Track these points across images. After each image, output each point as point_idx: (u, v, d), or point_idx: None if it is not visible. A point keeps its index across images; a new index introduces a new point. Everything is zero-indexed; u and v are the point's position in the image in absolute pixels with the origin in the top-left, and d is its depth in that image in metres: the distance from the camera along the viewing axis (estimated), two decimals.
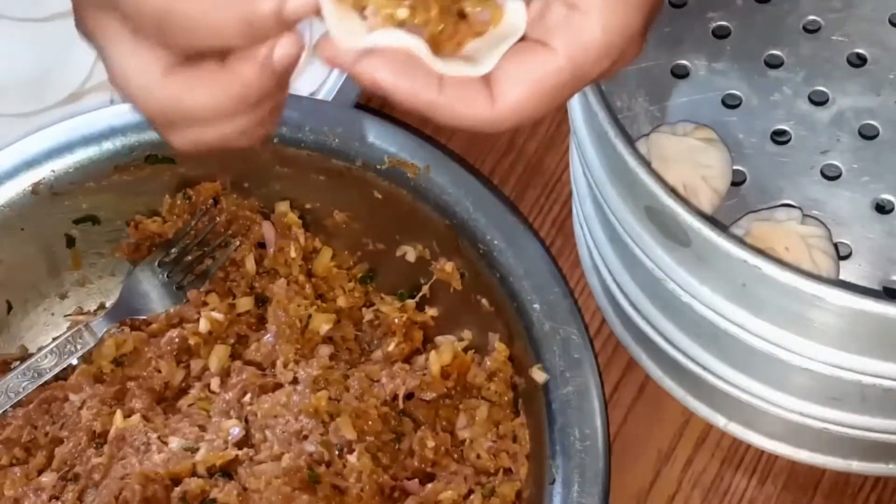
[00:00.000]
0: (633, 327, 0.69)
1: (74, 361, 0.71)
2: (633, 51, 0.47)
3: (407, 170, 0.70)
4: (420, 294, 0.72)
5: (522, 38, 0.46)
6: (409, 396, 0.69)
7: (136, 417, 0.68)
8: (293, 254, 0.73)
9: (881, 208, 0.65)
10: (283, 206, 0.74)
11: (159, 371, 0.70)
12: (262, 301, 0.73)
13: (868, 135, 0.67)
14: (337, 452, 0.65)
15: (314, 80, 0.80)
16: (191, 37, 0.47)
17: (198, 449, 0.65)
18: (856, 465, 0.68)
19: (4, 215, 0.71)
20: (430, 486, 0.65)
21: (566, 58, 0.46)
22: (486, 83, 0.46)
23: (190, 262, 0.74)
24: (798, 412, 0.64)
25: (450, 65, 0.45)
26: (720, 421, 0.70)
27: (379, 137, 0.71)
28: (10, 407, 0.69)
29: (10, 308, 0.73)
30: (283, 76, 0.48)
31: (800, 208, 0.64)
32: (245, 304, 0.73)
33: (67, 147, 0.72)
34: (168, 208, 0.74)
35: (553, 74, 0.46)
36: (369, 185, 0.71)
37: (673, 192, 0.56)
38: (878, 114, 0.67)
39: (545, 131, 0.82)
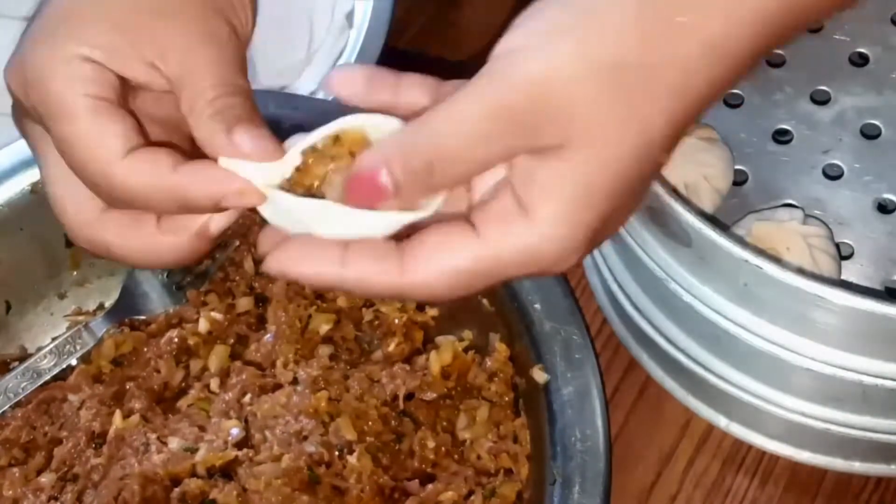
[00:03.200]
0: (635, 327, 0.69)
1: (74, 362, 0.71)
2: (566, 265, 0.46)
3: None
4: None
5: (463, 215, 0.46)
6: (409, 397, 0.68)
7: (135, 418, 0.67)
8: None
9: (883, 208, 0.65)
10: None
11: (159, 371, 0.70)
12: (261, 301, 0.73)
13: (870, 134, 0.66)
14: (337, 453, 0.65)
15: (314, 80, 0.80)
16: (126, 203, 0.49)
17: (197, 449, 0.65)
18: (858, 466, 0.68)
19: (3, 215, 0.71)
20: (430, 486, 0.65)
21: (491, 251, 0.45)
22: (399, 252, 0.46)
23: None
24: (800, 412, 0.63)
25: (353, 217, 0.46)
26: (721, 421, 0.70)
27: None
28: (10, 407, 0.69)
29: (8, 308, 0.73)
30: (215, 239, 0.50)
31: (801, 208, 0.64)
32: (245, 304, 0.73)
33: None
34: None
35: (470, 262, 0.45)
36: None
37: (674, 191, 0.56)
38: (880, 113, 0.67)
39: None
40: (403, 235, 0.47)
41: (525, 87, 0.43)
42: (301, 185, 0.48)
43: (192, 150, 0.49)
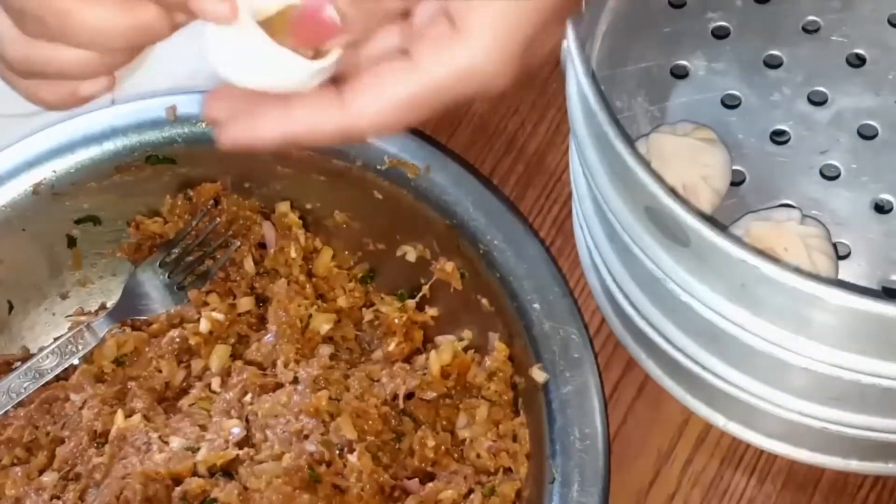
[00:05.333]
0: (633, 327, 0.69)
1: (76, 361, 0.71)
2: (504, 78, 0.46)
3: (407, 170, 0.70)
4: (420, 294, 0.72)
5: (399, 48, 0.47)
6: (409, 396, 0.69)
7: (137, 417, 0.68)
8: (294, 254, 0.73)
9: (880, 208, 0.65)
10: (283, 207, 0.74)
11: (160, 371, 0.70)
12: (262, 301, 0.73)
13: (867, 135, 0.67)
14: (337, 452, 0.65)
15: None
16: None
17: (199, 448, 0.65)
18: (855, 465, 0.68)
19: (6, 215, 0.71)
20: (430, 485, 0.66)
21: (427, 73, 0.46)
22: (339, 94, 0.46)
23: (191, 263, 0.74)
24: (797, 411, 0.64)
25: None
26: (720, 420, 0.70)
27: (379, 138, 0.71)
28: (12, 407, 0.69)
29: (11, 308, 0.74)
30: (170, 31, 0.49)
31: (799, 208, 0.65)
32: (246, 304, 0.73)
33: (68, 147, 0.72)
34: (169, 209, 0.74)
35: (409, 90, 0.46)
36: (369, 186, 0.71)
37: (672, 192, 0.56)
38: (878, 114, 0.67)
39: (545, 131, 0.82)
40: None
41: None
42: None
43: None
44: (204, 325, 0.71)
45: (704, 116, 0.67)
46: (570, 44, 0.59)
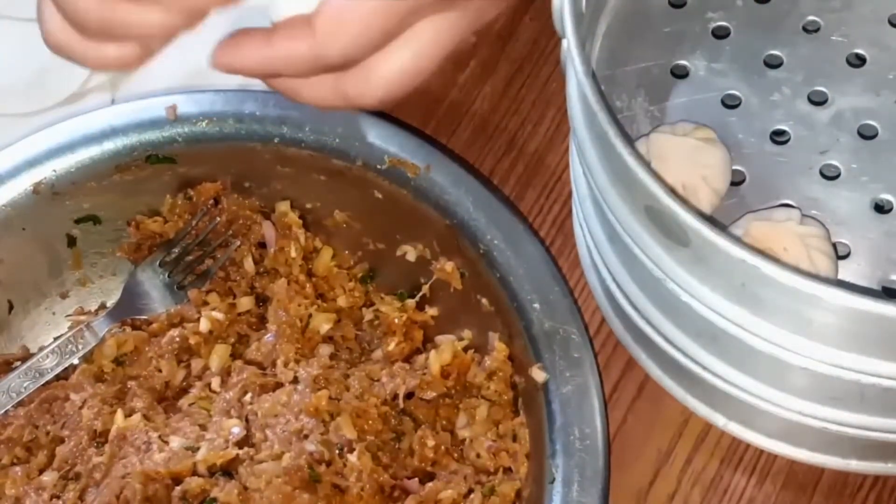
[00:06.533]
0: (633, 326, 0.69)
1: (76, 361, 0.72)
2: None
3: (407, 170, 0.70)
4: (420, 294, 0.72)
5: None
6: (409, 396, 0.69)
7: (136, 417, 0.68)
8: (293, 253, 0.73)
9: (880, 208, 0.65)
10: (283, 206, 0.74)
11: (160, 370, 0.70)
12: (262, 301, 0.73)
13: (867, 135, 0.67)
14: (337, 451, 0.65)
15: None
16: None
17: (198, 448, 0.66)
18: (854, 465, 0.68)
19: (6, 215, 0.71)
20: (430, 485, 0.66)
21: None
22: (310, 19, 0.47)
23: (191, 262, 0.74)
24: (797, 411, 0.64)
25: None
26: (719, 420, 0.70)
27: (379, 137, 0.71)
28: (12, 406, 0.69)
29: (11, 308, 0.74)
30: None
31: (799, 208, 0.65)
32: (245, 303, 0.73)
33: (69, 147, 0.72)
34: (169, 208, 0.74)
35: (370, 4, 0.46)
36: (370, 185, 0.71)
37: (672, 191, 0.56)
38: (878, 114, 0.67)
39: (545, 131, 0.82)
40: None
41: None
42: None
43: None
44: (204, 325, 0.71)
45: (704, 116, 0.67)
46: (570, 44, 0.59)
